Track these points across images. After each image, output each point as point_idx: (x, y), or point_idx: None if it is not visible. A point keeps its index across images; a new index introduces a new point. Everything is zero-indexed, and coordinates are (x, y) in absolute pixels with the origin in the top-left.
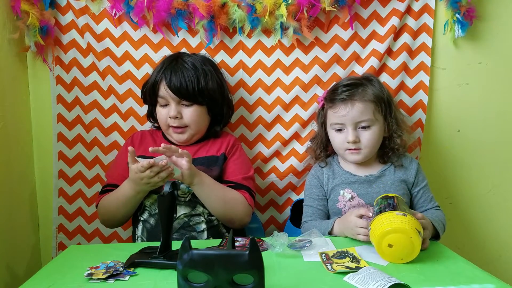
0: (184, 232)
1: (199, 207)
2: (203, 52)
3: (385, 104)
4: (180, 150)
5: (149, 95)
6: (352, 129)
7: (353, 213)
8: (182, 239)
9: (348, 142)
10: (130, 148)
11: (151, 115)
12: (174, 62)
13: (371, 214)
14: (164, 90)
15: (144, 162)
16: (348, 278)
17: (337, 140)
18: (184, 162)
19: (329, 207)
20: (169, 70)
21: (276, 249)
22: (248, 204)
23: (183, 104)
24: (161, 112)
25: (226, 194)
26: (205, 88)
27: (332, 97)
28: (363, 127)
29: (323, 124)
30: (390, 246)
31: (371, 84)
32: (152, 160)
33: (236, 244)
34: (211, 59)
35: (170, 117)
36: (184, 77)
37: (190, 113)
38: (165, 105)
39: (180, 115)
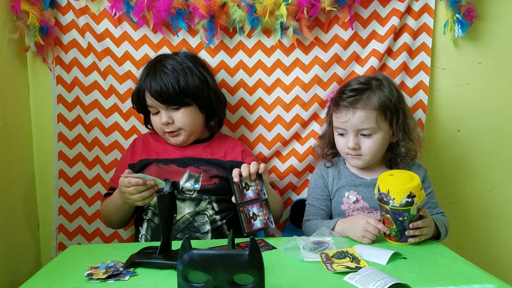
0: (189, 233)
1: (203, 203)
2: (184, 50)
3: (391, 111)
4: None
5: (138, 106)
6: (353, 135)
7: (367, 218)
8: None
9: (348, 148)
10: (127, 170)
11: (148, 122)
12: (152, 68)
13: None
14: (149, 99)
15: (132, 179)
16: (348, 278)
17: (340, 143)
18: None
19: (333, 208)
20: (148, 78)
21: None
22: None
23: (171, 108)
24: (154, 120)
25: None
26: (187, 87)
27: (337, 101)
28: (364, 135)
29: (330, 123)
30: (391, 175)
31: (380, 88)
32: (140, 179)
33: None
34: (192, 54)
35: (162, 124)
36: (163, 81)
37: (180, 116)
38: (157, 113)
39: (171, 120)
